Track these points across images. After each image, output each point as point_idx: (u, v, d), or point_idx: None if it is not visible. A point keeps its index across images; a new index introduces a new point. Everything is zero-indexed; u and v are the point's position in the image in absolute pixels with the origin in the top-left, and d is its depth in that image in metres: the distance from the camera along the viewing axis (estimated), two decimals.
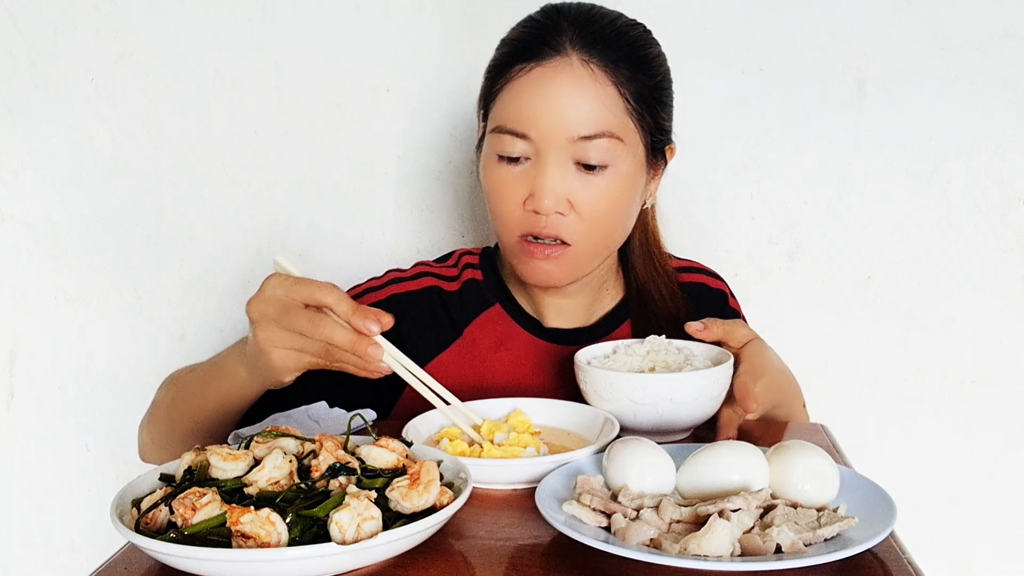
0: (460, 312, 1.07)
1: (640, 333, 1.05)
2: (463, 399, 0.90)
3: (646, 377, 0.85)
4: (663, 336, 0.94)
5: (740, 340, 0.92)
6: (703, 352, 0.93)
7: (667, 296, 1.08)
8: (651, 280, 1.09)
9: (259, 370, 0.83)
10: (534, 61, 0.94)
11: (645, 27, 1.00)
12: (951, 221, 1.35)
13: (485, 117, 1.01)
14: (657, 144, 1.00)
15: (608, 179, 0.95)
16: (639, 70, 0.96)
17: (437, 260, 1.14)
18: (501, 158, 0.96)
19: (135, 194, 1.39)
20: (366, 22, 1.35)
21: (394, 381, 1.03)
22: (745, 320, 1.15)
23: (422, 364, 1.03)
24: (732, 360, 0.89)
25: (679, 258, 1.16)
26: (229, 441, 0.90)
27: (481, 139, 1.05)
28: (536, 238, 0.96)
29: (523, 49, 0.95)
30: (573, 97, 0.92)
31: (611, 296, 1.11)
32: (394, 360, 0.81)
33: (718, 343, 0.93)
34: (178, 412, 0.97)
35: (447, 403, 0.86)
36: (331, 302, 0.77)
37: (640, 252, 1.09)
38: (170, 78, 1.36)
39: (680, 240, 1.20)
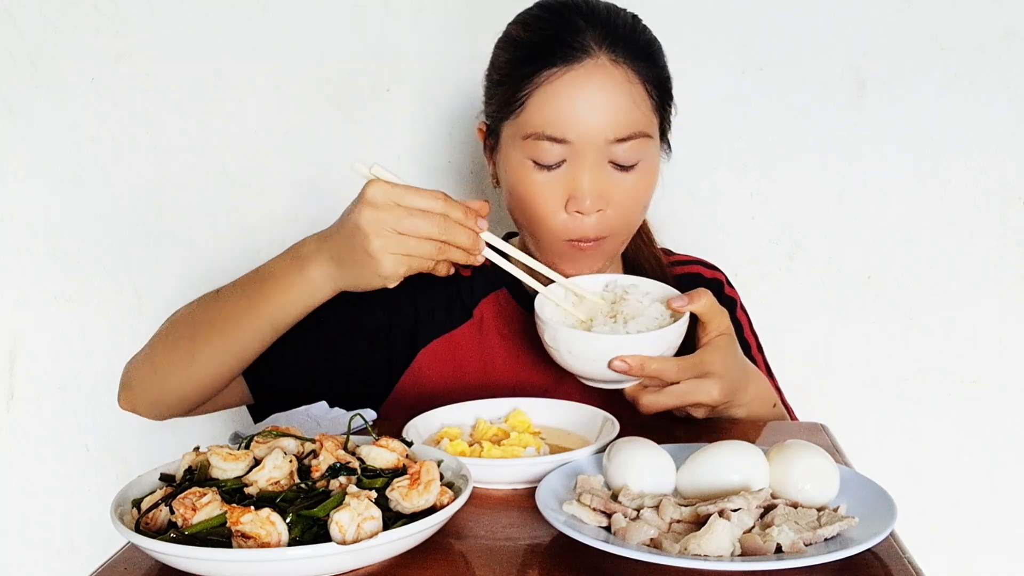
0: (470, 294, 1.09)
1: None
2: (470, 377, 0.91)
3: (554, 323, 0.90)
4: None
5: (713, 330, 0.91)
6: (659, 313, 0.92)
7: (656, 268, 1.10)
8: (639, 251, 1.11)
9: (356, 276, 0.86)
10: (563, 65, 0.93)
11: (638, 16, 1.01)
12: (951, 221, 1.35)
13: (500, 120, 0.99)
14: (666, 133, 1.03)
15: (639, 174, 0.97)
16: (653, 62, 0.98)
17: None
18: (539, 165, 0.95)
19: (135, 194, 1.39)
20: (366, 22, 1.35)
21: (388, 374, 1.04)
22: (744, 308, 1.14)
23: (435, 337, 1.05)
24: (649, 335, 0.88)
25: (677, 253, 1.17)
26: (229, 441, 0.90)
27: (486, 144, 1.04)
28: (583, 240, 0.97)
29: (546, 52, 0.94)
30: (611, 99, 0.93)
31: None
32: (491, 250, 0.89)
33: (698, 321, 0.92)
34: (206, 332, 0.93)
35: (548, 281, 0.94)
36: (447, 211, 0.83)
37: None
38: (170, 78, 1.36)
39: (680, 240, 1.20)
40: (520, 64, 0.96)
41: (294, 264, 0.89)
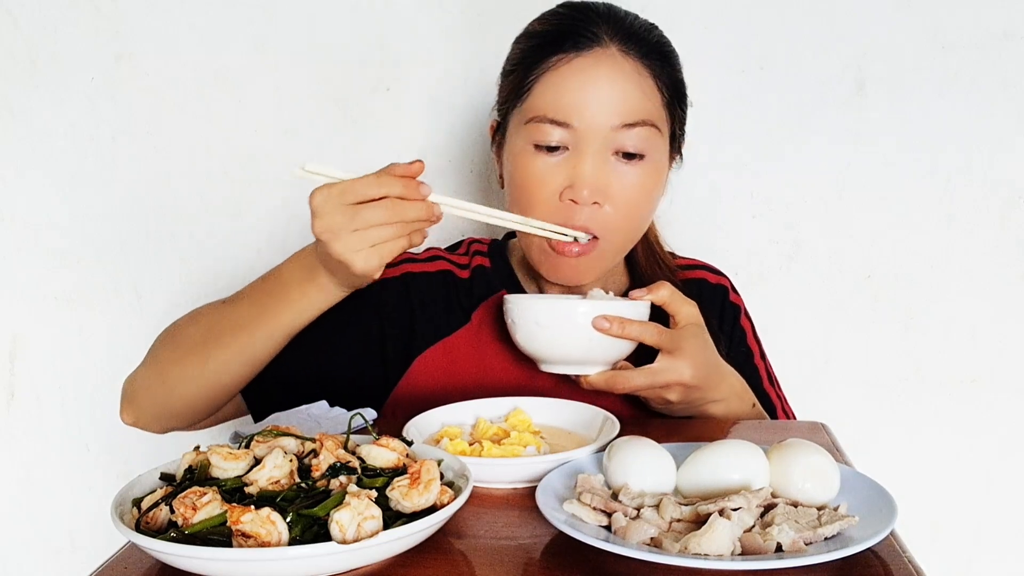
0: (469, 298, 1.08)
1: None
2: (467, 382, 0.91)
3: (519, 298, 0.92)
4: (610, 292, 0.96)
5: (682, 319, 0.91)
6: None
7: (668, 279, 1.09)
8: (652, 273, 1.09)
9: (344, 279, 0.86)
10: (573, 51, 0.94)
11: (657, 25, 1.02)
12: (951, 221, 1.35)
13: (507, 111, 1.00)
14: (678, 139, 1.03)
15: (643, 169, 0.96)
16: (667, 63, 0.98)
17: (447, 248, 1.15)
18: (539, 148, 0.95)
19: (135, 194, 1.39)
20: (366, 21, 1.35)
21: (384, 382, 1.04)
22: (749, 316, 1.14)
23: (432, 343, 1.05)
24: (616, 304, 0.89)
25: (682, 257, 1.16)
26: (229, 440, 0.90)
27: (494, 138, 1.05)
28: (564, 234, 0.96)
29: (557, 40, 0.95)
30: (618, 85, 0.93)
31: (616, 288, 1.11)
32: (446, 205, 0.88)
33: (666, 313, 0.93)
34: (217, 339, 0.93)
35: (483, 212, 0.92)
36: (388, 191, 0.80)
37: (642, 246, 1.10)
38: (170, 78, 1.36)
39: (680, 240, 1.20)
40: (531, 52, 0.97)
41: (304, 273, 0.89)
